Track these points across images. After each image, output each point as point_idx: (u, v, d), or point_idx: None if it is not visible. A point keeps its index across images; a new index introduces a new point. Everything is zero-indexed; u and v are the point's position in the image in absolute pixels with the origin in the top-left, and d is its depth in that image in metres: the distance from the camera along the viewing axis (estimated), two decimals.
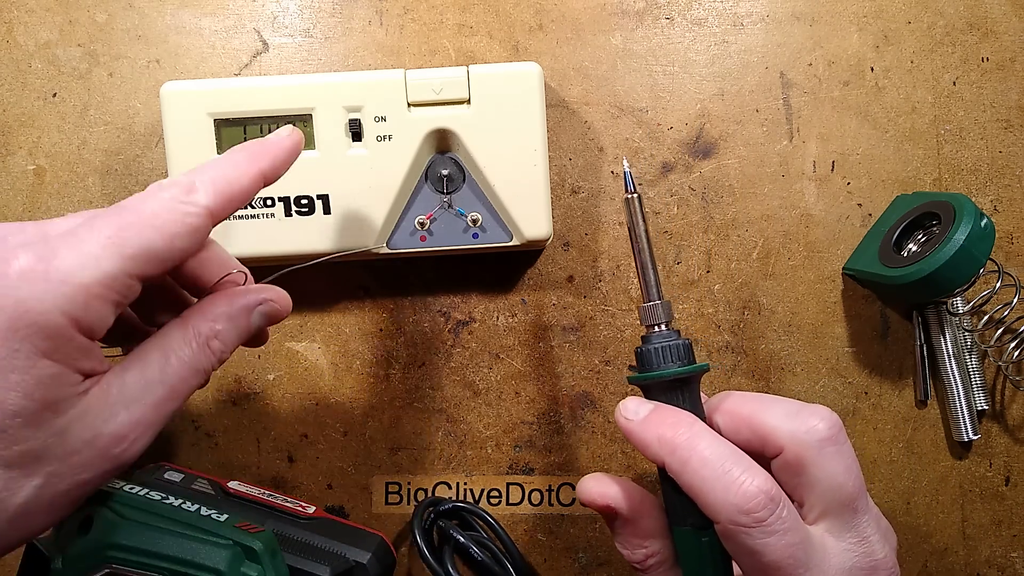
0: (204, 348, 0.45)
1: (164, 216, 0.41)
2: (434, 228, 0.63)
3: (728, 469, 0.44)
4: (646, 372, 0.50)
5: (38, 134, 0.68)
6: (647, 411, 0.48)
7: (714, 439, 0.46)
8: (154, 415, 0.42)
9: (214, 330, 0.45)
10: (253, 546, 0.51)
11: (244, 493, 0.62)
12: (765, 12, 0.68)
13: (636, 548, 0.51)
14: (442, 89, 0.61)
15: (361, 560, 0.59)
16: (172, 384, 0.43)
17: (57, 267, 0.37)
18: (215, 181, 0.44)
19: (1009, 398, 0.68)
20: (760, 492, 0.43)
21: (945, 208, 0.61)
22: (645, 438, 0.47)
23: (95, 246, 0.38)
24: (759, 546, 0.43)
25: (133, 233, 0.39)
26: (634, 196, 0.52)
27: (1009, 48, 0.68)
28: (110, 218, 0.40)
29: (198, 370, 0.44)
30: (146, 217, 0.40)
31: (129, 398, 0.41)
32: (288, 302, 0.49)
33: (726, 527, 0.43)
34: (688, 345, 0.50)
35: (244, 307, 0.47)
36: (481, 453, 0.69)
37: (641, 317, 0.51)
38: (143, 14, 0.68)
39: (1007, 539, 0.68)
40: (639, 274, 0.52)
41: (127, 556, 0.48)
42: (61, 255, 0.38)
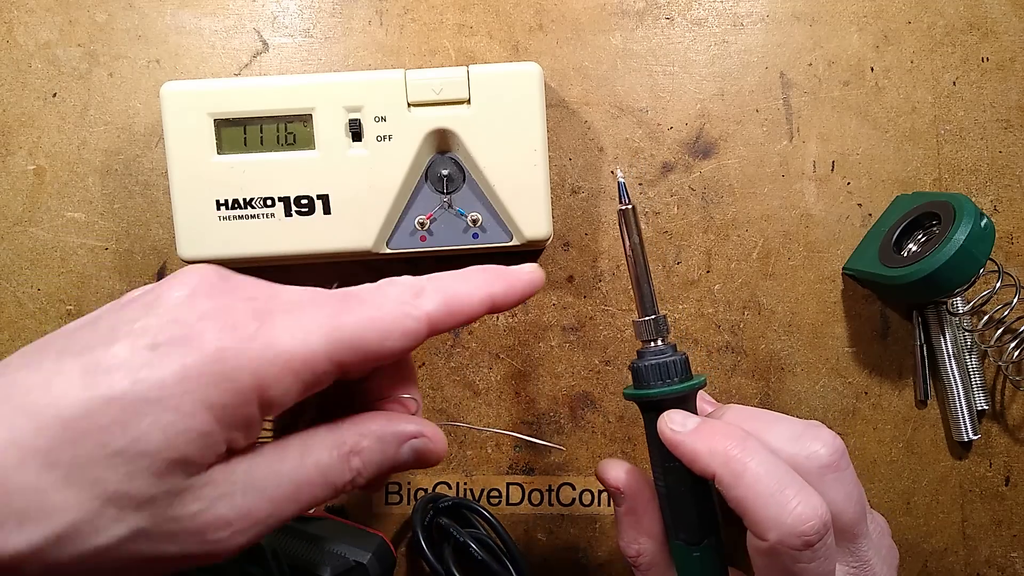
0: (344, 460, 0.40)
1: (386, 310, 0.39)
2: (434, 228, 0.63)
3: (783, 488, 0.43)
4: (643, 389, 0.49)
5: (38, 134, 0.68)
6: (695, 423, 0.47)
7: (767, 455, 0.45)
8: (267, 512, 0.38)
9: (360, 445, 0.41)
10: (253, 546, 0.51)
11: None
12: (765, 12, 0.68)
13: (631, 543, 0.51)
14: (442, 89, 0.61)
15: (361, 560, 0.59)
16: (299, 485, 0.39)
17: (268, 331, 0.36)
18: (445, 291, 0.43)
19: (1009, 398, 0.68)
20: (815, 516, 0.42)
21: (945, 208, 0.61)
22: (696, 448, 0.46)
23: (310, 321, 0.37)
24: (799, 570, 0.42)
25: (350, 319, 0.38)
26: (628, 208, 0.51)
27: (1009, 48, 0.68)
28: (334, 300, 0.39)
29: (329, 482, 0.40)
30: (368, 307, 0.39)
31: (250, 484, 0.37)
32: (443, 448, 0.44)
33: (773, 546, 0.42)
34: (685, 360, 0.49)
35: (398, 434, 0.43)
36: (481, 453, 0.69)
37: (636, 332, 0.51)
38: (143, 14, 0.68)
39: (1007, 539, 0.68)
40: (634, 288, 0.51)
41: None
42: (277, 320, 0.37)
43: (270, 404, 0.36)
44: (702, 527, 0.49)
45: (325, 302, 0.39)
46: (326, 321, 0.37)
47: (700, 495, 0.49)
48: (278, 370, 0.36)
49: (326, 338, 0.37)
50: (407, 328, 0.39)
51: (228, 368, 0.35)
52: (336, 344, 0.37)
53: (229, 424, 0.35)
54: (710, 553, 0.48)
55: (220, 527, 0.36)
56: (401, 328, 0.39)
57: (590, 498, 0.68)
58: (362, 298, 0.39)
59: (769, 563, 0.44)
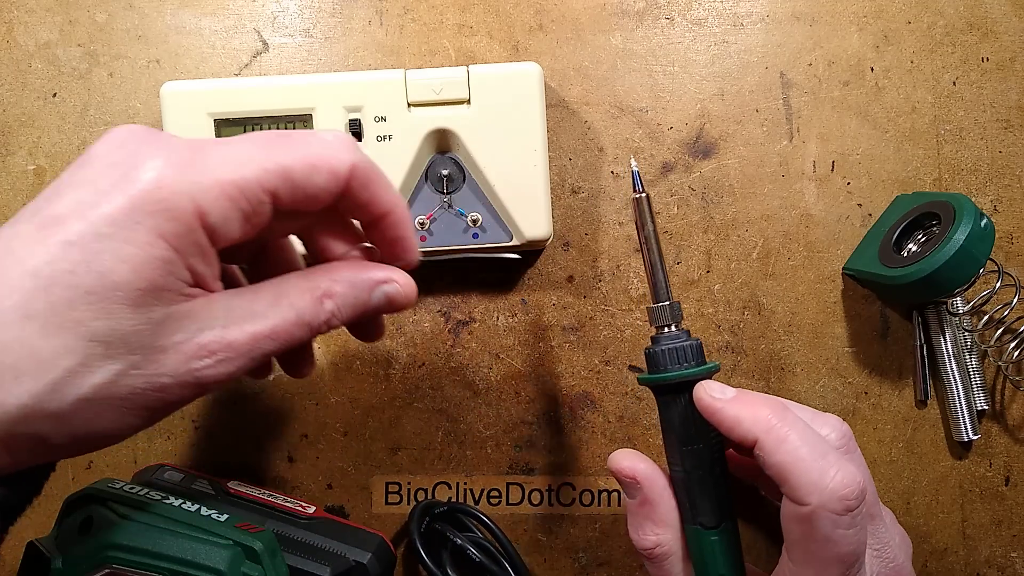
0: (317, 302, 0.43)
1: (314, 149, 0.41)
2: (434, 228, 0.63)
3: (824, 454, 0.44)
4: (658, 373, 0.50)
5: (38, 134, 0.68)
6: (734, 392, 0.48)
7: (806, 425, 0.46)
8: (247, 344, 0.41)
9: (332, 289, 0.44)
10: (253, 546, 0.51)
11: (244, 493, 0.63)
12: (765, 12, 0.68)
13: (648, 534, 0.51)
14: (442, 89, 0.61)
15: (361, 560, 0.59)
16: (275, 323, 0.42)
17: (202, 159, 0.38)
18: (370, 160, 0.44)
19: (1009, 398, 0.68)
20: (855, 482, 0.43)
21: (945, 208, 0.61)
22: (740, 415, 0.47)
23: (243, 153, 0.39)
24: (838, 536, 0.43)
25: (280, 152, 0.40)
26: (643, 196, 0.52)
27: (1009, 48, 0.68)
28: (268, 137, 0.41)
29: (304, 321, 0.43)
30: (299, 144, 0.41)
31: (229, 318, 0.40)
32: (413, 292, 0.47)
33: (814, 511, 0.43)
34: (699, 345, 0.50)
35: (368, 279, 0.45)
36: (481, 453, 0.69)
37: (651, 318, 0.52)
38: (143, 14, 0.68)
39: (1007, 539, 0.68)
40: (648, 274, 0.52)
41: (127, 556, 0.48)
42: (207, 151, 0.39)
43: (214, 231, 0.38)
44: (721, 510, 0.49)
45: (258, 138, 0.40)
46: (257, 153, 0.39)
47: (718, 477, 0.49)
48: (215, 195, 0.38)
49: (258, 167, 0.39)
50: (333, 167, 0.41)
51: (168, 195, 0.37)
52: (267, 173, 0.39)
53: (185, 251, 0.38)
54: (728, 536, 0.49)
55: (205, 355, 0.39)
56: (328, 166, 0.41)
57: (590, 498, 0.68)
58: (295, 137, 0.41)
59: (807, 530, 0.44)
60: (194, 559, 0.49)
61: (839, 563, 0.44)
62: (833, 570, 0.44)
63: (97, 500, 0.51)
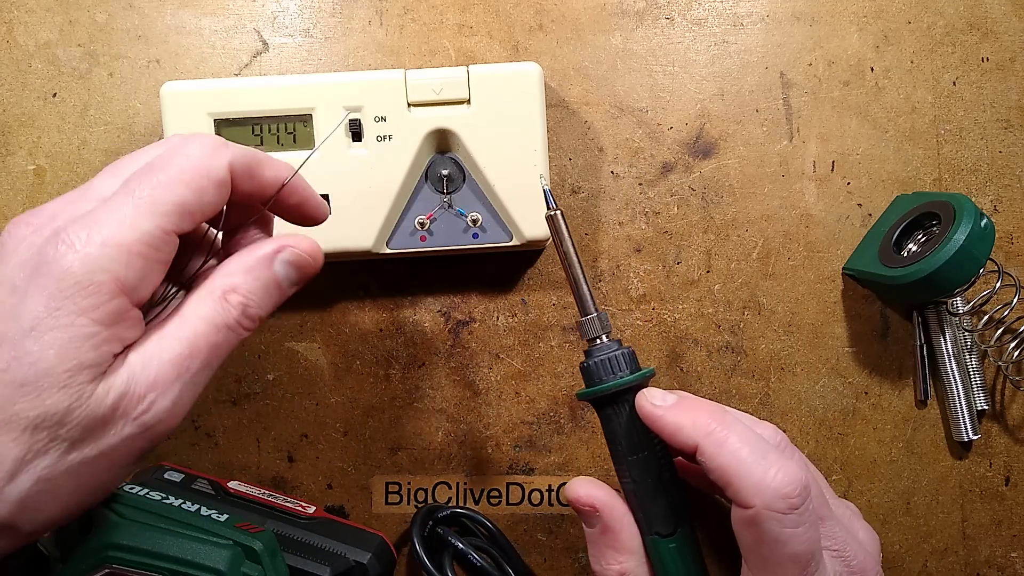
0: (222, 302, 0.43)
1: (189, 171, 0.42)
2: (434, 228, 0.63)
3: (764, 454, 0.44)
4: (595, 386, 0.50)
5: (38, 134, 0.68)
6: (675, 398, 0.48)
7: (745, 427, 0.46)
8: (173, 372, 0.41)
9: (231, 284, 0.44)
10: (253, 546, 0.51)
11: (244, 493, 0.63)
12: (765, 12, 0.68)
13: (611, 563, 0.50)
14: (442, 89, 0.61)
15: (361, 560, 0.59)
16: (189, 340, 0.42)
17: (99, 231, 0.39)
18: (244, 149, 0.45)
19: (1009, 398, 0.68)
20: (796, 480, 0.43)
21: (945, 208, 0.61)
22: (679, 421, 0.47)
23: (131, 209, 0.40)
24: (786, 536, 0.43)
25: (165, 192, 0.40)
26: (557, 213, 0.53)
27: (1009, 48, 0.68)
28: (143, 178, 0.41)
29: (218, 325, 0.43)
30: (175, 172, 0.41)
31: (147, 357, 0.41)
32: (317, 250, 0.47)
33: (759, 512, 0.43)
34: (631, 353, 0.50)
35: (261, 258, 0.45)
36: (481, 453, 0.69)
37: (581, 333, 0.52)
38: (143, 14, 0.68)
39: (1007, 539, 0.68)
40: (572, 290, 0.53)
41: (127, 556, 0.48)
42: (101, 221, 0.39)
43: (135, 289, 0.40)
44: (674, 516, 0.49)
45: (135, 185, 0.41)
46: (145, 202, 0.40)
47: (667, 483, 0.49)
48: (125, 257, 0.39)
49: (152, 215, 0.40)
50: (214, 177, 0.42)
51: (82, 276, 0.38)
52: (163, 217, 0.40)
53: (108, 320, 0.39)
54: (684, 541, 0.49)
55: (138, 402, 0.40)
56: (209, 180, 0.42)
57: None
58: (166, 165, 0.42)
59: (756, 533, 0.44)
60: (194, 559, 0.49)
61: (793, 563, 0.43)
62: (789, 571, 0.44)
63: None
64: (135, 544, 0.48)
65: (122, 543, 0.48)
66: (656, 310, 0.68)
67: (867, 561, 0.48)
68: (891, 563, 0.68)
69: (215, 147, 0.43)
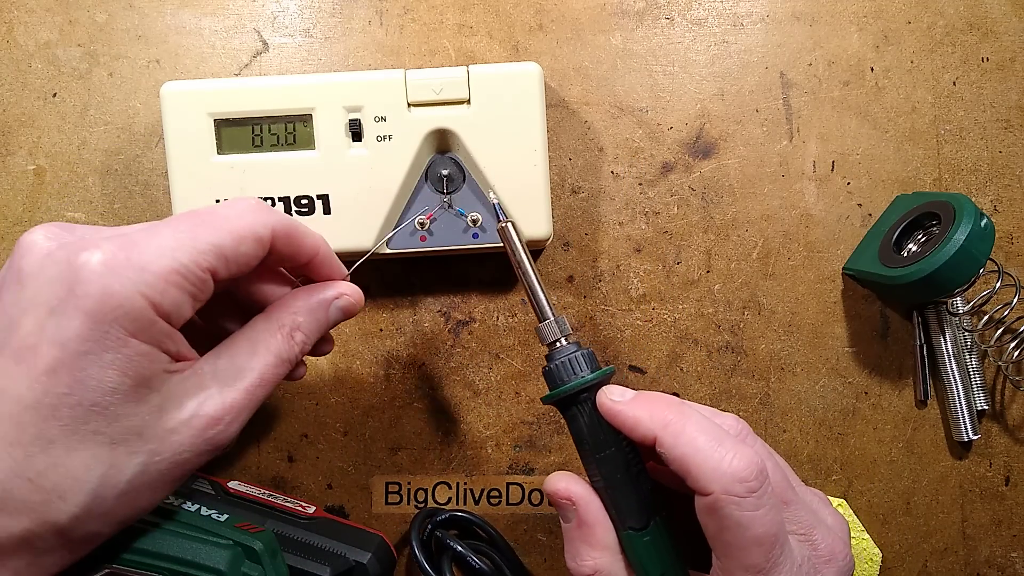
0: (288, 339, 0.49)
1: (235, 223, 0.45)
2: (434, 228, 0.63)
3: (720, 442, 0.45)
4: (558, 388, 0.51)
5: (38, 134, 0.68)
6: (633, 394, 0.50)
7: (702, 416, 0.47)
8: (246, 400, 0.46)
9: (296, 322, 0.49)
10: (253, 546, 0.51)
11: (244, 493, 0.63)
12: (765, 12, 0.68)
13: (584, 559, 0.51)
14: (442, 89, 0.61)
15: (361, 560, 0.59)
16: (261, 371, 0.47)
17: (137, 256, 0.41)
18: (286, 217, 0.48)
19: (1009, 398, 0.68)
20: (753, 464, 0.44)
21: (945, 208, 0.61)
22: (636, 415, 0.48)
23: (170, 239, 0.42)
24: (747, 519, 0.44)
25: (205, 231, 0.43)
26: (508, 224, 0.55)
27: (1009, 48, 0.68)
28: (186, 217, 0.44)
29: (283, 359, 0.48)
30: (219, 220, 0.44)
31: (222, 382, 0.46)
32: (361, 297, 0.53)
33: (718, 498, 0.44)
34: (591, 353, 0.52)
35: (322, 301, 0.51)
36: (481, 453, 0.69)
37: (541, 338, 0.53)
38: (143, 14, 0.68)
39: (1007, 539, 0.68)
40: (529, 297, 0.54)
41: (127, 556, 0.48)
42: (140, 246, 0.41)
43: (170, 315, 0.42)
44: (645, 509, 0.49)
45: (177, 221, 0.44)
46: (184, 236, 0.43)
47: (636, 477, 0.50)
48: (162, 287, 0.41)
49: (189, 250, 0.42)
50: (257, 234, 0.45)
51: (121, 300, 0.40)
52: (201, 255, 0.43)
53: (152, 339, 0.42)
54: (658, 534, 0.49)
55: (213, 424, 0.45)
56: (252, 235, 0.45)
57: None
58: (215, 214, 0.45)
59: (718, 520, 0.45)
60: (194, 559, 0.49)
61: (757, 546, 0.44)
62: (754, 554, 0.44)
63: None
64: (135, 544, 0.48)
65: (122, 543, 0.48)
66: (656, 310, 0.68)
67: (836, 544, 0.48)
68: (891, 563, 0.68)
69: (261, 208, 0.47)
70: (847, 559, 0.48)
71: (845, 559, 0.48)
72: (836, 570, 0.47)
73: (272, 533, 0.53)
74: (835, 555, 0.48)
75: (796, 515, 0.48)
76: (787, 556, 0.45)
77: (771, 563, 0.44)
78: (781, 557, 0.44)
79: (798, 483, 0.51)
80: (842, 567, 0.48)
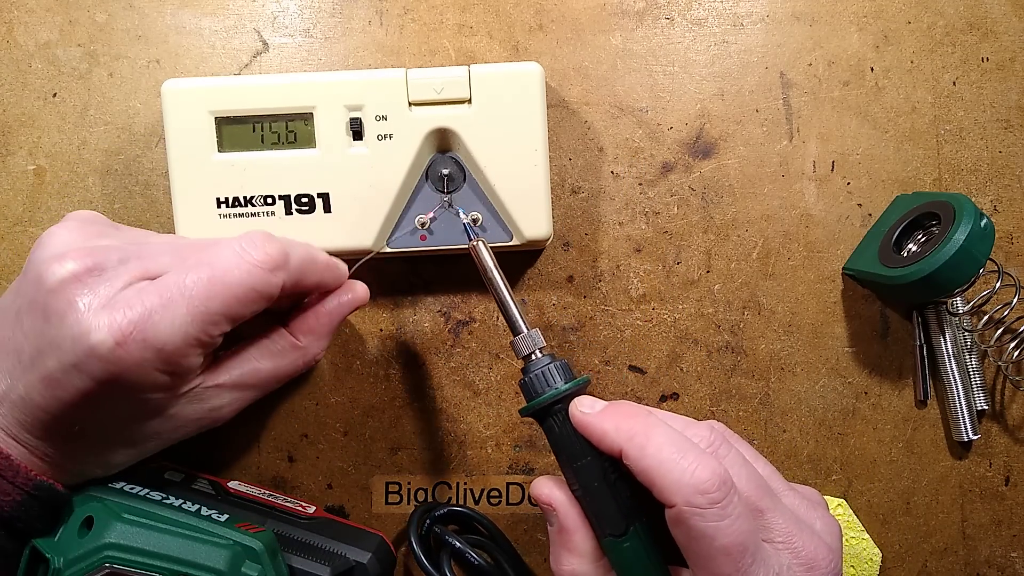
0: (304, 353, 0.58)
1: (247, 287, 0.49)
2: (434, 227, 0.63)
3: (684, 453, 0.46)
4: (534, 399, 0.52)
5: (38, 134, 0.68)
6: (603, 405, 0.50)
7: (668, 428, 0.48)
8: (260, 395, 0.58)
9: (310, 337, 0.58)
10: (253, 546, 0.51)
11: (244, 493, 0.62)
12: (765, 12, 0.68)
13: (563, 564, 0.51)
14: (443, 88, 0.61)
15: (361, 560, 0.59)
16: (277, 376, 0.57)
17: (154, 336, 0.46)
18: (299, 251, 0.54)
19: (1009, 398, 0.68)
20: (715, 475, 0.44)
21: (945, 208, 0.61)
22: (604, 427, 0.49)
23: (185, 315, 0.47)
24: (711, 529, 0.44)
25: (218, 302, 0.48)
26: (478, 243, 0.57)
27: (1009, 48, 0.68)
28: (200, 277, 0.48)
29: (299, 367, 0.58)
30: (232, 284, 0.48)
31: (241, 389, 0.55)
32: (366, 293, 0.61)
33: (681, 510, 0.44)
34: (565, 364, 0.53)
35: (333, 309, 0.59)
36: (481, 453, 0.69)
37: (515, 351, 0.54)
38: (143, 14, 0.68)
39: (1007, 539, 0.68)
40: (502, 312, 0.55)
41: (127, 556, 0.48)
42: (158, 327, 0.46)
43: (182, 374, 0.50)
44: (623, 516, 0.50)
45: (191, 288, 0.48)
46: (196, 312, 0.47)
47: (613, 485, 0.50)
48: (174, 359, 0.48)
49: (202, 324, 0.48)
50: (264, 293, 0.50)
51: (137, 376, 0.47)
52: (212, 325, 0.48)
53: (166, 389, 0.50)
54: (638, 540, 0.49)
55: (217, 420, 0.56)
56: (265, 296, 0.50)
57: None
58: (229, 273, 0.48)
59: (685, 531, 0.45)
60: (194, 559, 0.49)
61: (724, 555, 0.44)
62: (722, 564, 0.44)
63: (98, 500, 0.51)
64: (135, 544, 0.48)
65: (122, 543, 0.48)
66: (656, 310, 0.68)
67: (819, 551, 0.47)
68: (891, 563, 0.68)
69: (276, 263, 0.50)
70: (831, 565, 0.47)
71: (829, 565, 0.47)
72: None
73: (272, 533, 0.54)
74: (817, 562, 0.47)
75: (773, 523, 0.47)
76: (760, 564, 0.45)
77: (741, 572, 0.44)
78: (753, 566, 0.44)
79: (785, 488, 0.51)
80: (825, 574, 0.47)
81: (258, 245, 0.50)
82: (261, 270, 0.49)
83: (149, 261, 0.49)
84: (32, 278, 0.48)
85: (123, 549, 0.48)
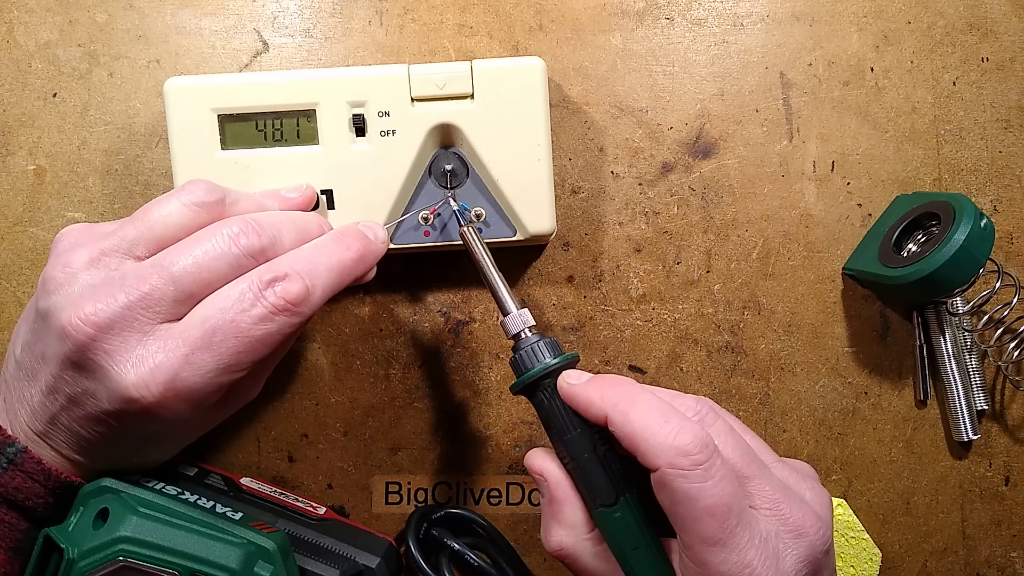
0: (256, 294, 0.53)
1: (268, 336, 0.50)
2: (438, 223, 0.63)
3: (668, 418, 0.46)
4: (523, 375, 0.53)
5: (38, 134, 0.68)
6: (588, 376, 0.51)
7: (652, 395, 0.49)
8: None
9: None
10: (267, 546, 0.51)
11: (257, 491, 0.62)
12: (765, 12, 0.69)
13: (552, 535, 0.52)
14: (446, 84, 0.61)
15: (370, 564, 0.59)
16: None
17: (179, 385, 0.48)
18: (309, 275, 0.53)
19: (1009, 398, 0.68)
20: (697, 438, 0.45)
21: (945, 208, 0.61)
22: (589, 396, 0.50)
23: (211, 365, 0.49)
24: (695, 491, 0.44)
25: (245, 356, 0.50)
26: (468, 228, 0.58)
27: (1009, 48, 0.68)
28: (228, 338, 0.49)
29: None
30: (255, 340, 0.50)
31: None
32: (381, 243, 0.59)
33: (664, 472, 0.45)
34: (553, 341, 0.54)
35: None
36: (481, 453, 0.69)
37: (505, 331, 0.55)
38: (143, 14, 0.68)
39: (1007, 539, 0.68)
40: (492, 294, 0.56)
41: (141, 550, 0.48)
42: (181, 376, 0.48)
43: (203, 419, 0.56)
44: (614, 486, 0.50)
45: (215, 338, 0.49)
46: (225, 362, 0.49)
47: (603, 456, 0.51)
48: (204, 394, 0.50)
49: (224, 371, 0.49)
50: (274, 342, 0.51)
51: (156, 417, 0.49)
52: (232, 373, 0.50)
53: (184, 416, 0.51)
54: (628, 509, 0.50)
55: None
56: (270, 341, 0.51)
57: None
58: (237, 332, 0.50)
59: (669, 494, 0.45)
60: (207, 556, 0.49)
61: (709, 516, 0.44)
62: (707, 525, 0.44)
63: (113, 492, 0.51)
64: (149, 538, 0.48)
65: (136, 537, 0.48)
66: (656, 310, 0.69)
67: (807, 518, 0.47)
68: (891, 563, 0.68)
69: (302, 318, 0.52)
70: (820, 534, 0.47)
71: (818, 533, 0.47)
72: (807, 544, 0.47)
73: (285, 534, 0.54)
74: (805, 529, 0.47)
75: (759, 489, 0.48)
76: (745, 527, 0.45)
77: (727, 533, 0.44)
78: (738, 528, 0.44)
79: (774, 460, 0.51)
80: (814, 541, 0.47)
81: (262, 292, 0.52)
82: (287, 327, 0.51)
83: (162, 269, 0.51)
84: (55, 330, 0.49)
85: (137, 543, 0.48)
